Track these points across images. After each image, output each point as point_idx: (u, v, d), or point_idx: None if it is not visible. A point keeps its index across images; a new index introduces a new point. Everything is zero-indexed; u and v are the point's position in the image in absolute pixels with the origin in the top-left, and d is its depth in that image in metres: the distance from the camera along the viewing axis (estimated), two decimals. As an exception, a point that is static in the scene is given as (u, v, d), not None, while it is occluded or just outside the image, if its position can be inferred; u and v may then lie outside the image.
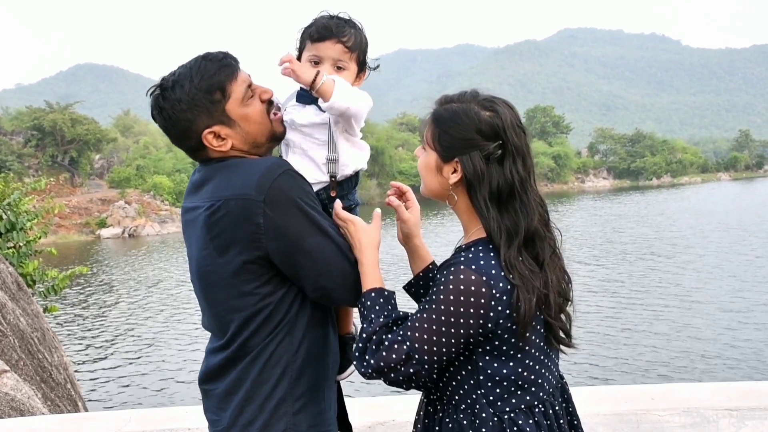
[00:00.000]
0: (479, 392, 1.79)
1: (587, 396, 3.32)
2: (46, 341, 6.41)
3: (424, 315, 1.74)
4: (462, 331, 1.72)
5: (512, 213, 1.79)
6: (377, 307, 1.83)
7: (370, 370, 1.76)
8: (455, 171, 1.82)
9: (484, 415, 1.78)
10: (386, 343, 1.76)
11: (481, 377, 1.79)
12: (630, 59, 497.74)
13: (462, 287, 1.70)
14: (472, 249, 1.80)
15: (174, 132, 1.95)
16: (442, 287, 1.73)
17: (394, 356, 1.73)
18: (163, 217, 58.44)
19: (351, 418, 2.22)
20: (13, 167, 55.66)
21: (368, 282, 1.87)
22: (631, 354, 13.80)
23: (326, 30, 2.01)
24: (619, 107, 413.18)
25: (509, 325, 1.74)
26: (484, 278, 1.71)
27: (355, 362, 1.81)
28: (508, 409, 1.79)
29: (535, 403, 1.82)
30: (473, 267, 1.73)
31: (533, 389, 1.82)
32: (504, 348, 1.77)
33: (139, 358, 15.91)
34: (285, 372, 1.88)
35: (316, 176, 2.00)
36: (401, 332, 1.75)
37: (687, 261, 25.85)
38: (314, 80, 1.92)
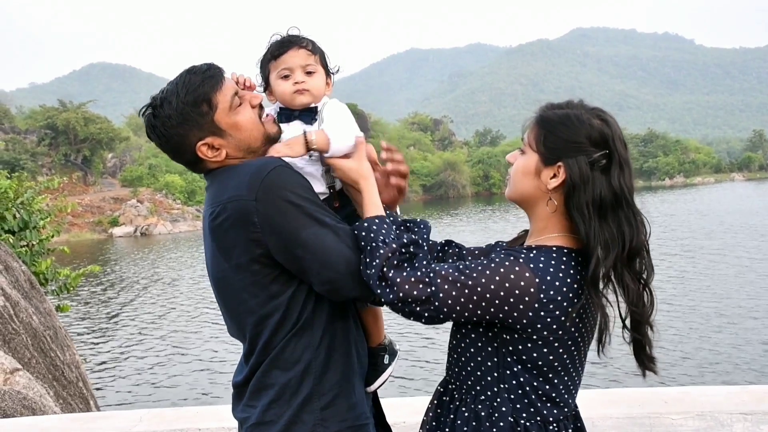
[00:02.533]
0: (502, 386, 1.79)
1: (600, 398, 3.30)
2: (58, 339, 6.44)
3: (462, 277, 1.72)
4: (492, 310, 1.72)
5: (614, 224, 1.76)
6: (385, 227, 1.83)
7: (392, 297, 1.73)
8: (555, 176, 1.79)
9: (503, 409, 1.78)
10: (411, 278, 1.74)
11: (507, 372, 1.79)
12: (643, 59, 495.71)
13: (512, 277, 1.70)
14: (535, 251, 1.79)
15: (169, 148, 1.97)
16: (493, 266, 1.73)
17: (415, 292, 1.72)
18: (174, 216, 58.73)
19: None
20: (27, 166, 56.03)
21: (370, 211, 1.87)
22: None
23: (285, 42, 2.04)
24: (631, 107, 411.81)
25: (545, 333, 1.74)
26: (537, 280, 1.71)
27: (371, 281, 1.76)
28: (525, 415, 1.78)
29: (551, 419, 1.81)
30: (531, 266, 1.73)
31: (549, 405, 1.81)
32: (534, 355, 1.76)
33: (150, 357, 15.96)
34: (308, 369, 1.88)
35: (317, 189, 1.98)
36: (431, 274, 1.74)
37: (697, 262, 25.69)
38: (306, 142, 1.93)
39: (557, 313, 1.72)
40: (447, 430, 1.88)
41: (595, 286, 1.73)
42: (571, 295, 1.73)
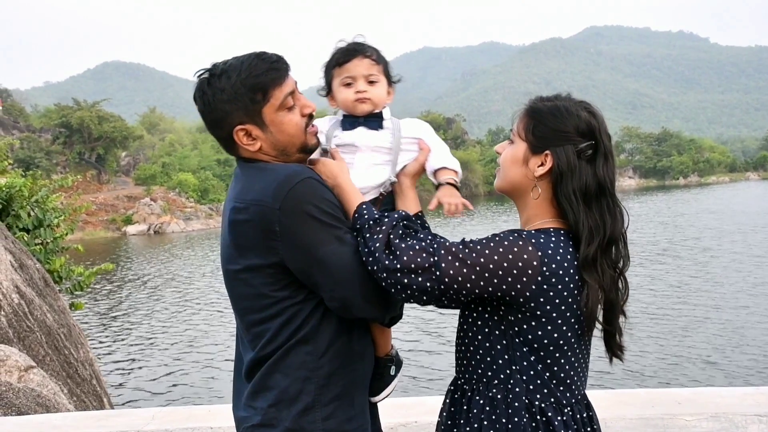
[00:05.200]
0: (514, 368, 1.82)
1: (612, 399, 3.28)
2: (72, 337, 6.47)
3: (466, 250, 1.76)
4: (495, 281, 1.75)
5: (597, 213, 1.84)
6: (373, 209, 1.89)
7: (396, 264, 1.75)
8: (542, 164, 1.86)
9: (517, 390, 1.81)
10: (416, 246, 1.77)
11: (518, 353, 1.82)
12: (657, 57, 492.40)
13: (515, 250, 1.76)
14: (534, 231, 1.84)
15: (208, 119, 1.97)
16: (497, 239, 1.79)
17: (418, 259, 1.75)
18: (188, 214, 58.93)
19: (373, 420, 2.21)
20: (42, 164, 56.39)
21: (356, 199, 1.92)
22: (657, 357, 13.65)
23: (350, 51, 2.08)
24: (645, 106, 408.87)
25: (548, 308, 1.78)
26: (540, 253, 1.76)
27: (376, 253, 1.78)
28: (539, 396, 1.81)
29: (564, 402, 1.84)
30: (533, 241, 1.78)
31: (562, 388, 1.84)
32: (539, 333, 1.80)
33: (163, 356, 16.03)
34: (310, 379, 1.88)
35: (370, 195, 2.05)
36: (435, 245, 1.77)
37: (708, 263, 25.53)
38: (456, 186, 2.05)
39: (559, 287, 1.77)
40: (462, 421, 1.88)
41: (586, 267, 1.80)
42: (572, 271, 1.80)
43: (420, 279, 1.75)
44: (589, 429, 1.88)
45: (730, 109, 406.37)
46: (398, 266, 1.75)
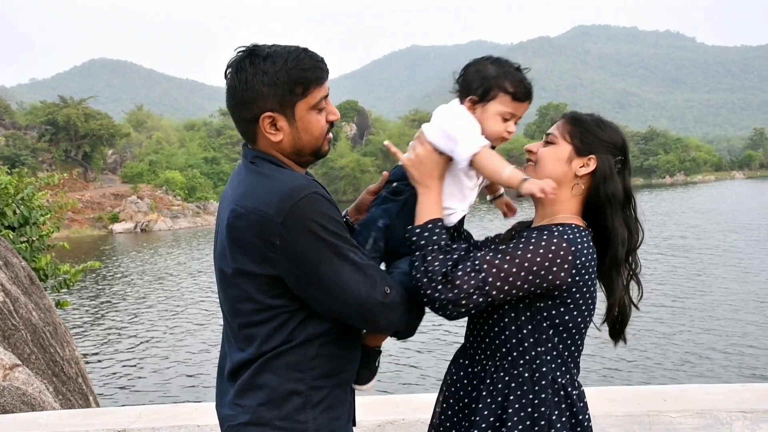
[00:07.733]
0: (540, 349, 2.00)
1: (599, 396, 3.29)
2: (58, 335, 6.44)
3: (507, 257, 1.92)
4: (537, 281, 1.92)
5: (624, 219, 2.09)
6: (440, 231, 1.98)
7: (457, 293, 1.87)
8: (584, 166, 2.07)
9: (544, 369, 2.00)
10: (466, 269, 1.90)
11: (543, 336, 2.00)
12: (644, 56, 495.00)
13: (553, 248, 1.94)
14: (561, 227, 2.02)
15: (238, 97, 1.89)
16: (533, 240, 1.96)
17: (472, 281, 1.89)
18: (175, 213, 58.70)
19: (360, 417, 2.23)
20: (27, 162, 56.02)
21: (435, 212, 2.02)
22: (642, 354, 13.73)
23: (528, 93, 2.10)
24: (632, 105, 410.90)
25: (577, 296, 1.98)
26: (573, 248, 1.96)
27: (431, 283, 1.89)
28: (559, 374, 2.02)
29: (575, 377, 2.07)
30: (564, 237, 1.97)
31: (573, 365, 2.06)
32: (566, 318, 2.00)
33: (150, 354, 15.97)
34: (301, 379, 1.88)
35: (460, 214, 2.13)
36: (477, 262, 1.92)
37: (696, 260, 25.69)
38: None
39: (586, 277, 1.98)
40: (484, 392, 2.03)
41: (614, 266, 2.07)
42: (592, 262, 2.01)
43: (474, 297, 1.89)
44: (585, 400, 2.10)
45: (716, 108, 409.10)
46: (460, 294, 1.88)
